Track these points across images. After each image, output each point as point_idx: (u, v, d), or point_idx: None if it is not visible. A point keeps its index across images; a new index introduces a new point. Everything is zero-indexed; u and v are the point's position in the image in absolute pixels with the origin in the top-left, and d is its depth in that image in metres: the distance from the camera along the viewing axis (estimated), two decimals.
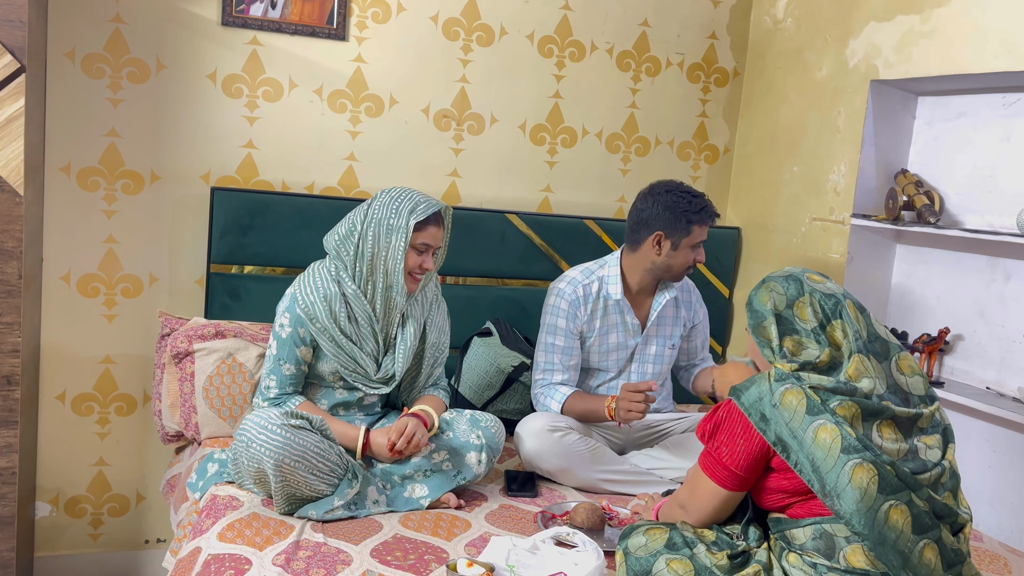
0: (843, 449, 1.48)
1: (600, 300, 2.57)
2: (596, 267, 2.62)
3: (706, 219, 2.50)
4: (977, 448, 2.65)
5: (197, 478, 2.18)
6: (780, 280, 1.69)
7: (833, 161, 2.96)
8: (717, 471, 1.62)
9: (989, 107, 2.67)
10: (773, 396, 1.55)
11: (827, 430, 1.49)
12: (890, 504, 1.46)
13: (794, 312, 1.64)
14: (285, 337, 2.18)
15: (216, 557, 1.77)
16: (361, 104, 2.92)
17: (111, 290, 2.74)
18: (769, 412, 1.54)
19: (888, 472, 1.48)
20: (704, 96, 3.35)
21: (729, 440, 1.60)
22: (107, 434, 2.79)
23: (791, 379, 1.57)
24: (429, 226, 2.18)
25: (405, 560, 1.81)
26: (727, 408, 1.63)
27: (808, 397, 1.53)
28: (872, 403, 1.53)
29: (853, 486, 1.46)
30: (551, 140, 3.17)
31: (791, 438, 1.51)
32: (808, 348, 1.61)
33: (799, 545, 1.55)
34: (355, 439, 2.13)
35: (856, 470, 1.47)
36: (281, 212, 2.76)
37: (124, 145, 2.69)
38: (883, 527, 1.45)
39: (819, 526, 1.53)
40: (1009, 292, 2.60)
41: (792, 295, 1.66)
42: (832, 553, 1.51)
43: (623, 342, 2.60)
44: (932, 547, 1.47)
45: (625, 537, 1.72)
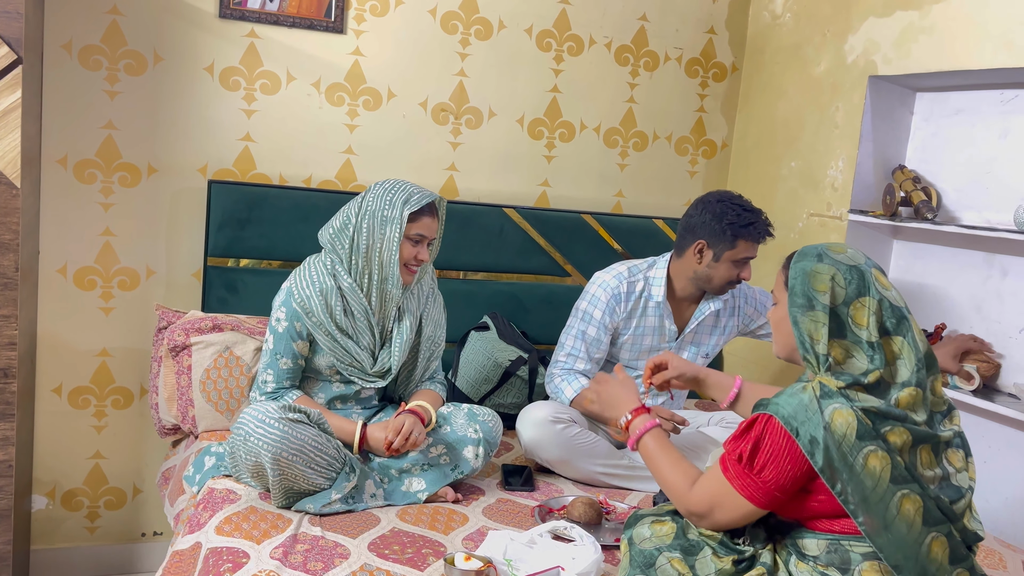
0: (892, 479, 1.40)
1: (641, 300, 2.55)
2: (645, 266, 2.59)
3: (754, 235, 2.41)
4: (972, 444, 2.66)
5: (194, 471, 2.18)
6: (843, 268, 1.50)
7: (831, 157, 2.96)
8: (757, 494, 1.49)
9: (987, 103, 2.68)
10: (824, 416, 1.42)
11: (878, 457, 1.40)
12: (932, 536, 1.41)
13: (850, 312, 1.48)
14: (281, 332, 2.18)
15: (214, 551, 1.77)
16: (359, 97, 2.91)
17: (108, 283, 2.73)
18: (819, 434, 1.41)
19: (932, 505, 1.42)
20: (702, 91, 3.35)
21: (774, 462, 1.46)
22: (104, 427, 2.79)
23: (839, 397, 1.44)
24: (423, 216, 2.18)
25: (403, 554, 1.81)
26: (768, 426, 1.47)
27: (859, 420, 1.41)
28: (923, 431, 1.45)
29: (901, 519, 1.40)
30: (549, 134, 3.16)
31: (841, 464, 1.40)
32: (855, 360, 1.47)
33: (811, 556, 1.50)
34: (352, 433, 2.13)
35: (904, 502, 1.40)
36: (278, 205, 2.75)
37: (121, 138, 2.68)
38: (925, 560, 1.41)
39: (836, 541, 1.48)
40: (1006, 288, 2.61)
41: (853, 292, 1.49)
42: (847, 568, 1.46)
43: (656, 345, 2.59)
44: (964, 574, 1.45)
45: (630, 526, 1.68)
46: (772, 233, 2.46)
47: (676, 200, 3.38)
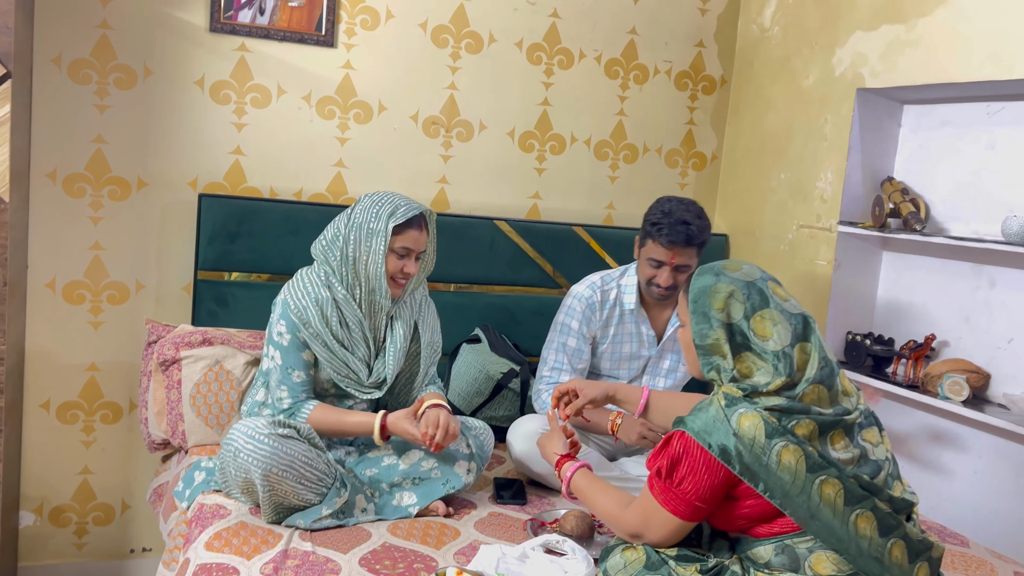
0: (808, 468, 1.46)
1: (616, 307, 2.56)
2: (617, 274, 2.61)
3: (658, 237, 2.40)
4: (962, 454, 2.67)
5: (184, 487, 2.16)
6: (740, 284, 1.56)
7: (820, 168, 2.98)
8: (679, 506, 1.55)
9: (974, 116, 2.70)
10: (731, 424, 1.48)
11: (790, 451, 1.46)
12: (856, 514, 1.46)
13: (751, 326, 1.53)
14: (287, 345, 2.15)
15: (204, 567, 1.76)
16: (350, 111, 2.91)
17: (97, 297, 2.72)
18: (728, 441, 1.47)
19: (852, 484, 1.48)
20: (692, 104, 3.37)
21: (691, 474, 1.51)
22: (92, 442, 2.77)
23: (743, 403, 1.49)
24: (410, 230, 2.17)
25: (394, 569, 1.80)
26: (682, 441, 1.53)
27: (765, 420, 1.47)
28: (827, 418, 1.50)
29: (824, 504, 1.45)
30: (540, 147, 3.17)
31: (757, 465, 1.46)
32: (760, 372, 1.52)
33: (764, 563, 1.54)
34: (371, 424, 2.09)
35: (824, 487, 1.46)
36: (269, 219, 2.75)
37: (111, 151, 2.68)
38: (856, 538, 1.46)
39: (780, 542, 1.52)
40: (994, 298, 2.62)
41: (753, 306, 1.54)
42: (797, 566, 1.50)
43: (636, 352, 2.60)
44: (899, 544, 1.49)
45: (604, 559, 1.71)
46: (686, 241, 2.38)
47: None
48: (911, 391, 2.63)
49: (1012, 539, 2.50)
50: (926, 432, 2.80)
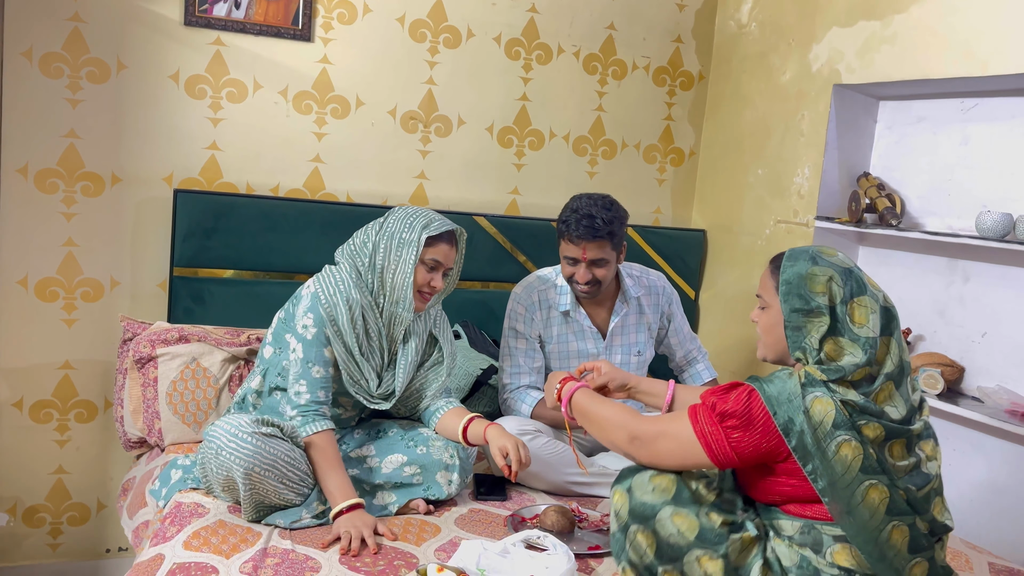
0: (862, 469, 1.46)
1: (556, 307, 2.58)
2: (554, 273, 2.62)
3: (568, 233, 2.41)
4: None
5: (160, 485, 2.14)
6: (839, 271, 1.56)
7: (797, 164, 3.00)
8: (718, 448, 1.53)
9: (948, 112, 2.73)
10: (805, 402, 1.48)
11: (851, 447, 1.46)
12: (893, 525, 1.47)
13: (847, 311, 1.53)
14: (311, 339, 2.08)
15: (182, 566, 1.74)
16: (327, 106, 2.89)
17: (70, 294, 2.68)
18: (796, 416, 1.48)
19: (899, 497, 1.48)
20: (670, 99, 3.38)
21: (746, 427, 1.51)
22: (66, 441, 2.73)
23: (822, 387, 1.49)
24: (441, 243, 2.15)
25: (374, 566, 1.79)
26: (750, 396, 1.52)
27: (837, 410, 1.47)
28: (896, 427, 1.50)
29: (865, 506, 1.46)
30: (518, 142, 3.17)
31: (815, 448, 1.46)
32: (850, 355, 1.51)
33: (787, 535, 1.56)
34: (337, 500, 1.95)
35: (871, 491, 1.46)
36: (246, 215, 2.72)
37: (84, 146, 2.64)
38: (884, 545, 1.47)
39: (809, 524, 1.53)
40: (968, 293, 2.65)
41: (851, 291, 1.54)
42: (819, 548, 1.52)
43: (584, 349, 2.60)
44: (922, 565, 1.50)
45: (626, 478, 1.64)
46: (591, 234, 2.37)
47: (645, 208, 3.40)
48: None
49: (986, 531, 2.53)
50: None
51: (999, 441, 2.52)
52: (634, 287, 2.62)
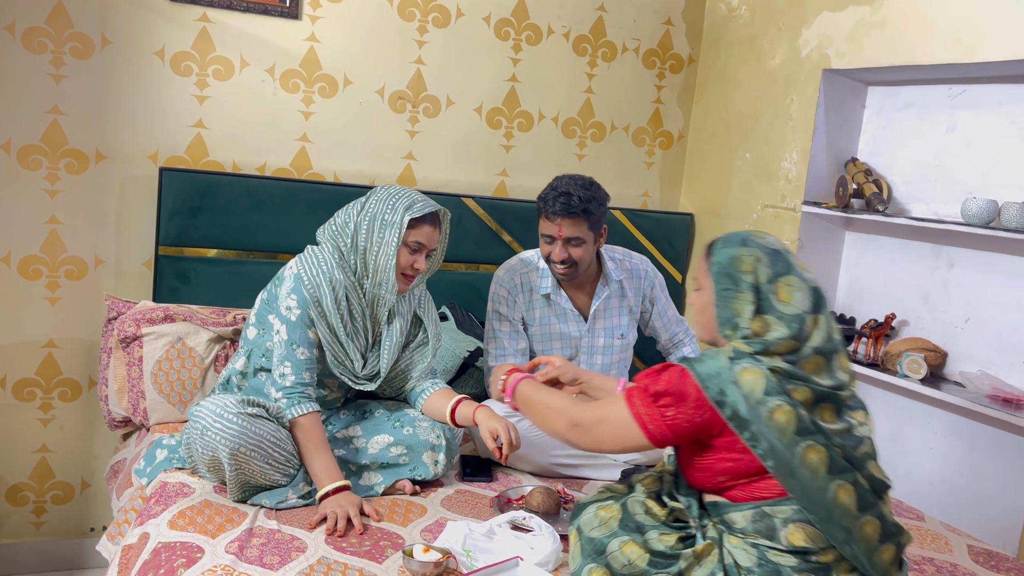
0: (797, 431, 1.50)
1: (537, 290, 2.58)
2: (536, 256, 2.62)
3: (545, 210, 2.42)
4: (919, 430, 2.73)
5: (145, 464, 2.13)
6: (766, 252, 1.61)
7: (785, 149, 3.00)
8: (654, 426, 1.58)
9: (936, 98, 2.73)
10: (733, 373, 1.53)
11: (784, 411, 1.50)
12: (837, 484, 1.50)
13: (774, 290, 1.58)
14: (295, 320, 2.07)
15: (167, 545, 1.74)
16: (314, 84, 2.87)
17: (54, 272, 2.66)
18: (728, 388, 1.52)
19: (837, 454, 1.51)
20: (659, 82, 3.37)
21: (678, 404, 1.55)
22: (50, 420, 2.72)
23: (749, 358, 1.54)
24: (424, 225, 2.13)
25: (360, 546, 1.80)
26: (681, 375, 1.57)
27: (766, 378, 1.52)
28: (824, 390, 1.55)
29: (806, 467, 1.49)
30: (507, 124, 3.15)
31: (749, 414, 1.51)
32: (775, 330, 1.56)
33: (739, 528, 1.57)
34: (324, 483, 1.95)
35: (809, 451, 1.49)
36: (232, 194, 2.70)
37: (67, 123, 2.61)
38: (832, 505, 1.49)
39: (759, 509, 1.55)
40: (952, 279, 2.67)
41: (777, 271, 1.59)
42: (773, 534, 1.53)
43: (566, 332, 2.60)
44: (873, 523, 1.52)
45: (576, 516, 1.71)
46: (567, 211, 2.38)
47: (634, 191, 3.39)
48: (871, 369, 2.68)
49: (966, 514, 2.57)
50: (885, 409, 2.86)
51: (980, 426, 2.55)
52: (616, 270, 2.62)
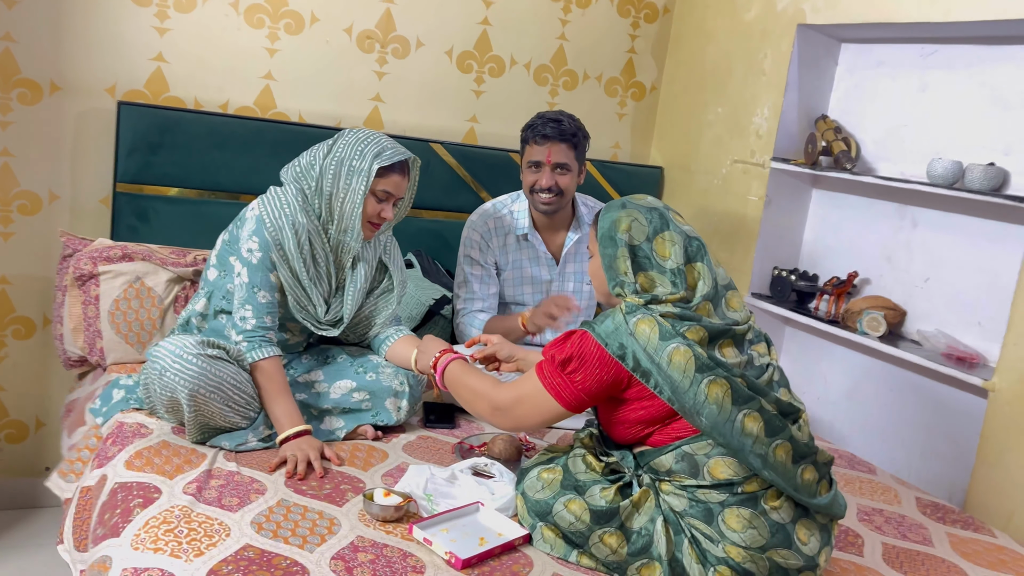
0: (697, 368, 1.55)
1: (511, 233, 2.60)
2: (509, 200, 2.65)
3: (532, 136, 2.47)
4: (875, 387, 2.79)
5: (101, 404, 2.10)
6: (643, 210, 1.68)
7: (757, 104, 2.99)
8: (566, 393, 1.64)
9: (908, 57, 2.73)
10: (629, 326, 1.59)
11: (681, 352, 1.55)
12: (743, 413, 1.55)
13: (653, 247, 1.65)
14: (256, 263, 2.02)
15: (123, 485, 1.72)
16: (280, 20, 2.78)
17: (6, 207, 2.58)
18: (626, 341, 1.58)
19: (739, 384, 1.57)
20: (633, 32, 3.32)
21: (585, 367, 1.61)
22: (3, 358, 2.66)
23: (641, 310, 1.60)
24: (393, 174, 2.08)
25: (321, 490, 1.79)
26: (582, 338, 1.63)
27: (660, 324, 1.57)
28: (717, 325, 1.61)
29: (710, 401, 1.55)
30: (478, 68, 3.09)
31: (650, 363, 1.56)
32: (661, 286, 1.63)
33: (666, 471, 1.62)
34: (284, 427, 1.94)
35: (711, 386, 1.55)
36: (193, 131, 2.63)
37: (20, 51, 2.50)
38: (740, 435, 1.55)
39: (679, 449, 1.60)
40: (915, 239, 2.70)
41: (655, 228, 1.66)
42: (696, 471, 1.59)
43: (538, 275, 2.63)
44: (784, 446, 1.58)
45: (520, 480, 1.76)
46: (559, 135, 2.44)
47: (605, 142, 3.36)
48: (831, 326, 2.71)
49: (915, 468, 2.64)
50: (843, 366, 2.90)
51: (934, 383, 2.60)
52: (588, 214, 2.64)
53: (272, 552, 1.52)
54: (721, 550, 1.55)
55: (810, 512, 1.60)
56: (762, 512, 1.56)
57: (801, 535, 1.58)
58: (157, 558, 1.47)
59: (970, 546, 1.97)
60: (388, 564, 1.54)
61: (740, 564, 1.54)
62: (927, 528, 2.04)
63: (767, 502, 1.57)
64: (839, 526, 1.91)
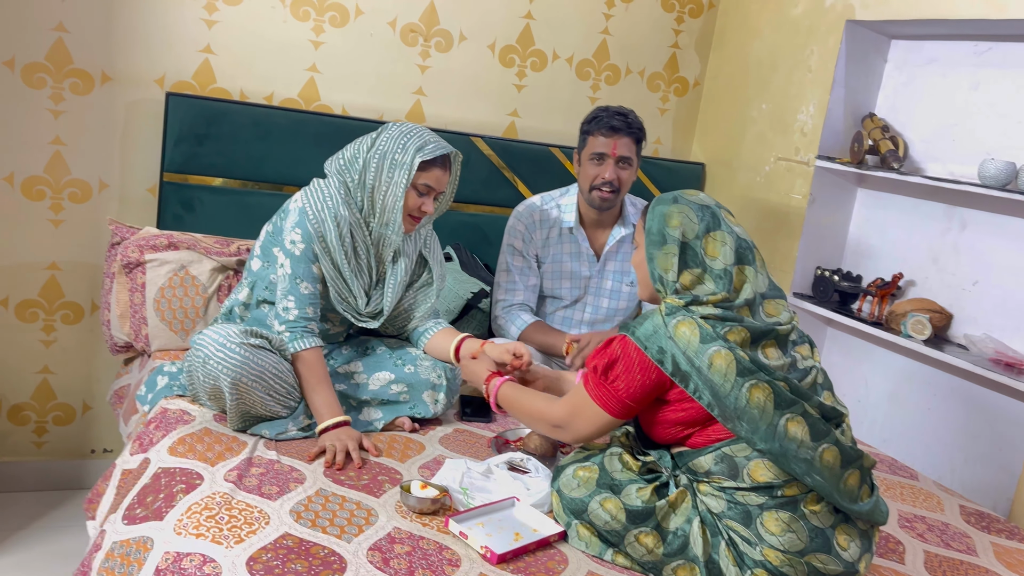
0: (739, 372, 1.53)
1: (556, 227, 2.58)
2: (558, 194, 2.64)
3: (598, 127, 2.46)
4: (919, 391, 2.74)
5: (146, 391, 2.14)
6: (695, 207, 1.65)
7: (802, 101, 2.95)
8: (610, 402, 1.63)
9: (961, 55, 2.67)
10: (668, 329, 1.57)
11: (722, 356, 1.54)
12: (787, 418, 1.53)
13: (703, 245, 1.63)
14: (299, 254, 2.05)
15: (167, 471, 1.75)
16: (325, 13, 2.80)
17: (58, 194, 2.63)
18: (665, 344, 1.57)
19: (781, 388, 1.54)
20: (677, 26, 3.29)
21: (626, 373, 1.60)
22: (52, 342, 2.73)
23: (682, 311, 1.59)
24: (435, 168, 2.08)
25: (359, 480, 1.81)
26: (622, 343, 1.62)
27: (700, 327, 1.56)
28: (760, 325, 1.59)
29: (752, 406, 1.52)
30: (520, 62, 3.09)
31: (689, 367, 1.55)
32: (703, 285, 1.61)
33: (704, 473, 1.61)
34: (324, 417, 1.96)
35: (753, 390, 1.53)
36: (238, 122, 2.66)
37: (72, 41, 2.55)
38: (784, 440, 1.53)
39: (719, 451, 1.58)
40: (963, 241, 2.65)
41: (706, 226, 1.63)
42: (736, 473, 1.57)
43: (577, 271, 2.62)
44: (832, 450, 1.55)
45: (556, 478, 1.76)
46: (626, 128, 2.44)
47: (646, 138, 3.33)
48: (875, 328, 2.67)
49: (959, 475, 2.59)
50: (884, 369, 2.86)
51: (980, 389, 2.55)
52: (634, 215, 2.63)
53: (310, 541, 1.54)
54: (759, 553, 1.54)
55: (850, 518, 1.58)
56: (801, 516, 1.54)
57: (841, 541, 1.56)
58: (199, 543, 1.50)
59: (1015, 556, 1.93)
60: (424, 556, 1.55)
61: (778, 568, 1.52)
62: (971, 537, 2.00)
63: (807, 506, 1.55)
64: (879, 532, 1.88)
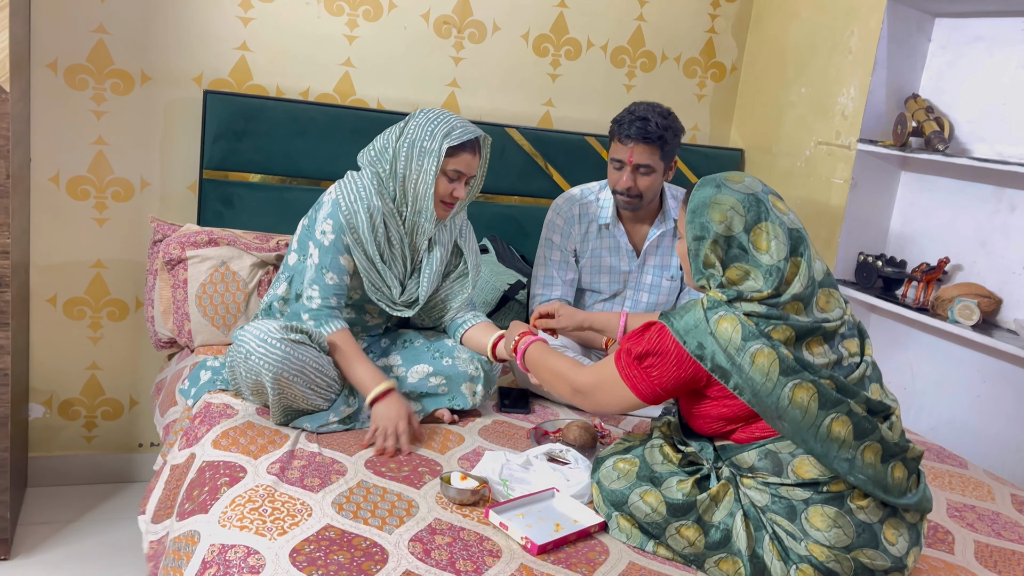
0: (782, 371, 1.49)
1: (595, 221, 2.55)
2: (597, 187, 2.60)
3: (617, 133, 2.39)
4: (967, 377, 2.67)
5: (190, 385, 2.17)
6: (740, 196, 1.56)
7: (842, 84, 2.89)
8: (642, 386, 1.60)
9: (1008, 31, 2.59)
10: (709, 324, 1.52)
11: (764, 354, 1.49)
12: (831, 418, 1.49)
13: (750, 239, 1.55)
14: (328, 245, 2.08)
15: (211, 464, 1.78)
16: (359, 8, 2.81)
17: (101, 193, 2.68)
18: (706, 340, 1.52)
19: (826, 387, 1.50)
20: (713, 11, 3.24)
21: (662, 362, 1.57)
22: (99, 338, 2.78)
23: (724, 306, 1.54)
24: (463, 153, 2.09)
25: (399, 472, 1.82)
26: (660, 333, 1.58)
27: (743, 323, 1.51)
28: (805, 324, 1.53)
29: (794, 406, 1.49)
30: (554, 52, 3.07)
31: (730, 364, 1.50)
32: (750, 281, 1.54)
33: (748, 468, 1.58)
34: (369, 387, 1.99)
35: (796, 390, 1.49)
36: (275, 118, 2.68)
37: (113, 43, 2.59)
38: (826, 440, 1.50)
39: (763, 447, 1.56)
40: (1013, 223, 2.58)
41: (753, 218, 1.55)
42: (780, 470, 1.54)
43: (616, 266, 2.58)
44: (873, 447, 1.52)
45: (596, 469, 1.75)
46: (642, 136, 2.34)
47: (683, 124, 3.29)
48: (920, 314, 2.61)
49: (1010, 463, 2.53)
50: (931, 354, 2.80)
51: None
52: (675, 208, 2.57)
53: (352, 533, 1.56)
54: (804, 548, 1.51)
55: (898, 511, 1.55)
56: (848, 511, 1.51)
57: (889, 535, 1.52)
58: (243, 535, 1.52)
59: None
60: (465, 547, 1.56)
61: (823, 563, 1.50)
62: (1023, 526, 1.95)
63: (853, 501, 1.52)
64: (928, 522, 1.85)
